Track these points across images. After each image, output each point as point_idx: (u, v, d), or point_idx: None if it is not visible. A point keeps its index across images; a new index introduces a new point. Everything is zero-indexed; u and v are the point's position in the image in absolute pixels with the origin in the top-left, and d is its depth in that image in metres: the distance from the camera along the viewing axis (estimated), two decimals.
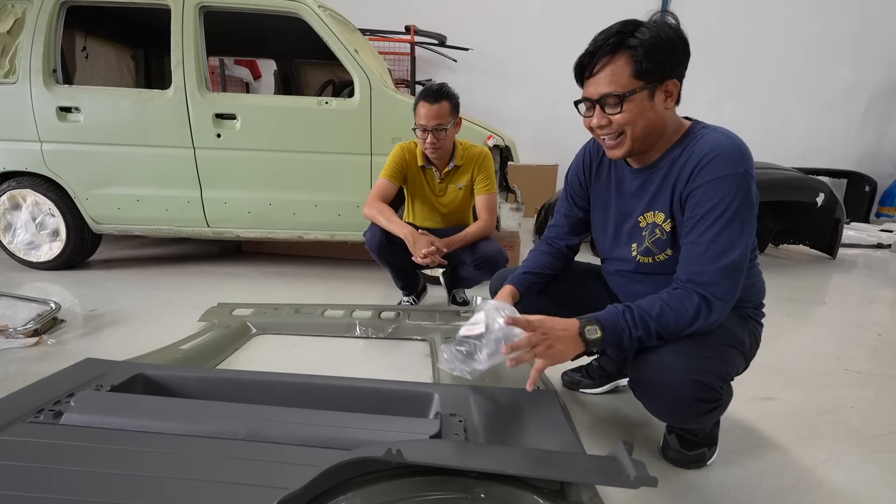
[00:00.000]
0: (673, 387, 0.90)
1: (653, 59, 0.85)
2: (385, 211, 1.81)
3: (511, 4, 5.27)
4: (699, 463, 1.09)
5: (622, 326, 0.88)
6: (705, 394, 0.90)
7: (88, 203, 2.55)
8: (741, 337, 1.00)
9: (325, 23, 2.35)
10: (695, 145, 0.91)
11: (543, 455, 0.85)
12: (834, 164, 5.25)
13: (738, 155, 0.88)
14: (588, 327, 0.89)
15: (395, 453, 0.76)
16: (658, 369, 0.91)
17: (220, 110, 2.42)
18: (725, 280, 0.88)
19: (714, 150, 0.88)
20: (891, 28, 5.15)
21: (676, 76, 0.90)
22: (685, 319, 0.88)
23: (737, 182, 0.86)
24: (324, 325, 1.88)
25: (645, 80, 0.87)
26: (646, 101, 0.89)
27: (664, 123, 0.93)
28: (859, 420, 1.35)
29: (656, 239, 1.00)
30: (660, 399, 0.94)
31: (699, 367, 0.89)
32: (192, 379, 1.26)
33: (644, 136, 0.93)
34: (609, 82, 0.88)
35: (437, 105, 1.76)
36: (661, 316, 0.88)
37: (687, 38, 0.89)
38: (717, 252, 0.87)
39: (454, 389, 1.23)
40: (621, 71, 0.87)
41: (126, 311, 2.06)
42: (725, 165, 0.87)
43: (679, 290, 0.90)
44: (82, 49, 3.12)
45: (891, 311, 2.41)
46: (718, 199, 0.87)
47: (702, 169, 0.89)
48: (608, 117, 0.91)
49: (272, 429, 0.99)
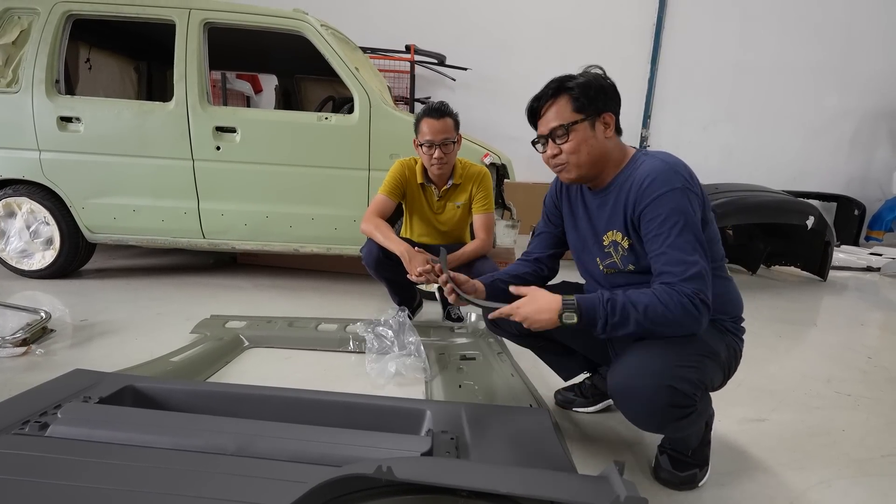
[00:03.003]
0: (646, 392, 0.94)
1: (587, 97, 1.03)
2: (382, 227, 1.82)
3: (509, 26, 5.40)
4: (691, 484, 1.10)
5: (599, 314, 0.94)
6: (678, 399, 0.94)
7: (84, 212, 2.55)
8: (716, 348, 1.03)
9: (326, 41, 2.40)
10: (635, 171, 1.05)
11: (534, 474, 0.85)
12: (823, 188, 5.34)
13: (672, 174, 1.00)
14: (566, 313, 0.95)
15: (386, 471, 0.76)
16: (632, 375, 0.97)
17: (221, 123, 2.44)
18: (698, 281, 0.94)
19: (651, 173, 1.01)
20: (877, 57, 5.32)
21: (611, 110, 1.06)
22: (673, 314, 0.92)
23: (678, 196, 0.98)
24: (317, 338, 1.87)
25: (584, 113, 1.04)
26: (588, 131, 1.05)
27: (607, 150, 1.07)
28: (850, 443, 1.35)
29: (621, 256, 1.10)
30: (634, 404, 0.98)
31: (672, 373, 0.94)
32: (182, 392, 1.25)
33: (590, 162, 1.07)
34: (555, 118, 1.06)
35: (442, 120, 1.81)
36: (648, 307, 0.93)
37: (614, 83, 1.07)
38: (682, 257, 0.95)
39: (446, 406, 1.22)
40: (563, 108, 1.05)
41: (117, 322, 2.05)
42: (663, 183, 0.99)
43: (671, 287, 0.94)
44: (86, 60, 3.16)
45: (881, 335, 2.44)
46: (666, 213, 0.98)
47: (643, 191, 1.01)
48: (558, 147, 1.07)
49: (262, 444, 0.98)
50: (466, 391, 1.47)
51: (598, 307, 0.94)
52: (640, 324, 0.93)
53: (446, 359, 1.73)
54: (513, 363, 1.69)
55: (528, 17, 5.37)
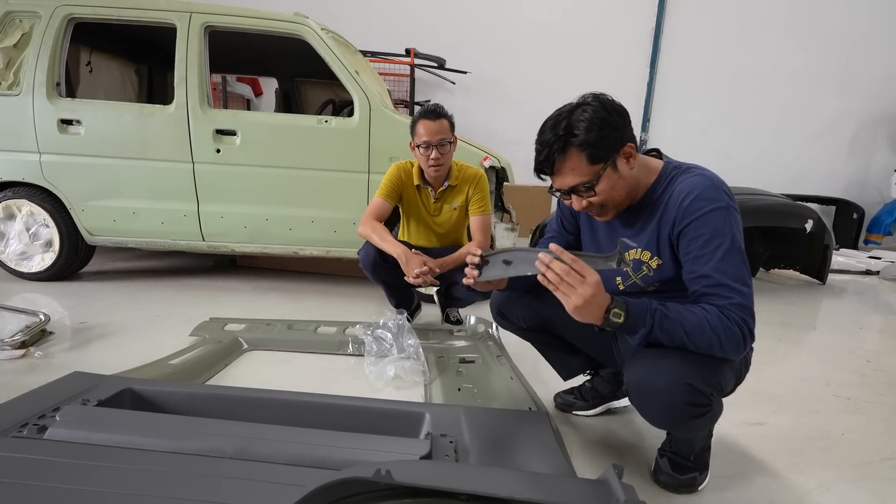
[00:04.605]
0: (665, 389, 0.92)
1: (600, 146, 0.93)
2: (379, 230, 1.83)
3: (509, 29, 5.42)
4: (690, 488, 1.10)
5: (645, 322, 0.89)
6: (695, 398, 0.92)
7: (84, 214, 2.55)
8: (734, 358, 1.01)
9: (326, 44, 2.41)
10: (674, 187, 0.98)
11: (533, 478, 0.85)
12: (822, 192, 5.36)
13: (714, 190, 0.95)
14: (615, 309, 0.88)
15: (385, 474, 0.76)
16: (650, 372, 0.95)
17: (221, 126, 2.45)
18: (746, 311, 0.90)
19: (693, 190, 0.95)
20: (875, 61, 5.34)
21: (627, 140, 0.97)
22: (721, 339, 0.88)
23: (721, 215, 0.92)
24: (316, 341, 1.87)
25: (602, 161, 0.95)
26: (613, 175, 0.97)
27: (636, 179, 1.01)
28: (849, 447, 1.35)
29: (643, 275, 1.05)
30: (652, 400, 0.96)
31: (690, 372, 0.92)
32: (181, 395, 1.25)
33: (624, 198, 1.02)
34: (573, 176, 0.96)
35: (438, 122, 1.82)
36: (696, 327, 0.88)
37: (618, 105, 0.97)
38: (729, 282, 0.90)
39: (446, 409, 1.22)
40: (578, 164, 0.95)
41: (116, 324, 2.04)
42: (707, 201, 0.93)
43: (724, 313, 0.89)
44: (87, 63, 3.17)
45: (880, 338, 2.44)
46: (710, 233, 0.92)
47: (685, 209, 0.95)
48: (587, 199, 0.99)
49: (260, 447, 0.98)
50: (465, 394, 1.47)
51: (647, 316, 0.89)
52: (681, 342, 0.89)
53: (445, 362, 1.73)
54: (512, 366, 1.69)
55: (528, 20, 5.40)
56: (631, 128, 0.99)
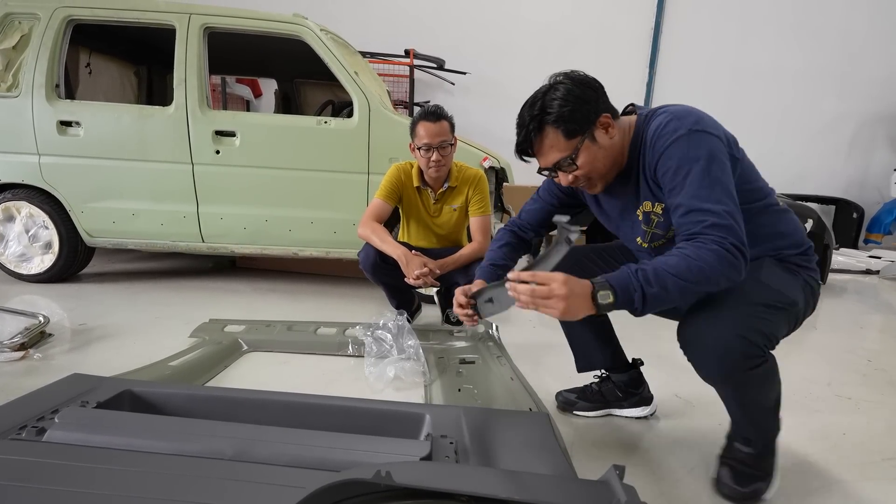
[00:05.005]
0: (718, 341, 0.92)
1: (573, 119, 0.97)
2: (379, 231, 1.83)
3: (508, 30, 5.42)
4: (755, 500, 1.05)
5: (633, 286, 0.86)
6: (750, 349, 0.91)
7: (83, 216, 2.55)
8: (791, 296, 0.98)
9: (325, 45, 2.41)
10: (646, 133, 1.00)
11: (533, 479, 0.85)
12: (822, 192, 5.35)
13: (676, 121, 0.95)
14: (601, 292, 0.86)
15: (385, 475, 0.76)
16: (704, 324, 0.94)
17: (220, 127, 2.45)
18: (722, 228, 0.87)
19: (658, 127, 0.97)
20: (874, 61, 5.34)
21: (602, 111, 0.99)
22: (708, 265, 0.85)
23: (683, 142, 0.92)
24: (316, 342, 1.87)
25: (579, 134, 0.98)
26: (592, 147, 0.99)
27: (618, 146, 1.03)
28: (851, 447, 1.34)
29: (656, 223, 1.05)
30: (704, 350, 0.95)
31: (743, 323, 0.91)
32: (180, 396, 1.25)
33: (609, 168, 1.04)
34: (552, 152, 1.00)
35: (439, 123, 1.82)
36: (678, 265, 0.85)
37: (590, 79, 1.00)
38: (700, 205, 0.89)
39: (446, 410, 1.22)
40: (555, 140, 0.99)
41: (116, 326, 2.04)
42: (669, 133, 0.94)
43: (695, 240, 0.88)
44: (86, 65, 3.17)
45: (881, 337, 2.43)
46: (676, 163, 0.93)
47: (653, 145, 0.97)
48: (572, 174, 1.02)
49: (260, 448, 0.97)
50: (466, 395, 1.46)
51: (631, 279, 0.86)
52: (680, 287, 0.85)
53: (445, 362, 1.73)
54: (512, 367, 1.69)
55: (528, 21, 5.40)
56: (605, 99, 1.01)
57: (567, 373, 1.53)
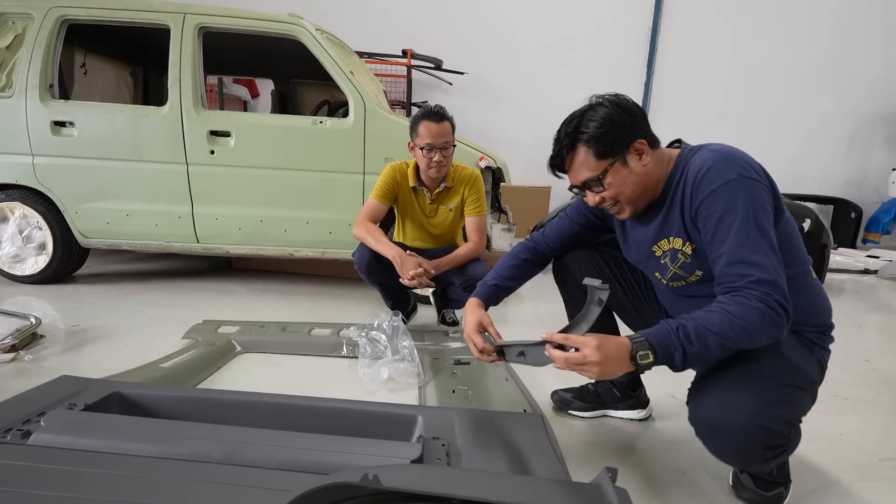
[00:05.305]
0: (738, 431, 0.88)
1: (605, 141, 0.96)
2: (374, 231, 1.81)
3: (506, 30, 5.42)
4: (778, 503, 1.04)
5: (675, 345, 0.84)
6: (771, 440, 0.88)
7: (78, 217, 2.53)
8: (810, 374, 0.96)
9: (321, 45, 2.40)
10: (688, 168, 0.97)
11: (525, 482, 0.83)
12: (820, 191, 5.36)
13: (724, 164, 0.91)
14: (640, 352, 0.85)
15: (373, 479, 0.74)
16: (721, 411, 0.89)
17: (215, 127, 2.44)
18: (767, 285, 0.83)
19: (703, 166, 0.93)
20: (873, 60, 5.34)
21: (638, 137, 0.98)
22: (751, 324, 0.81)
23: (732, 188, 0.88)
24: (310, 343, 1.85)
25: (610, 156, 0.97)
26: (622, 170, 0.98)
27: (650, 175, 1.00)
28: (848, 447, 1.33)
29: (682, 263, 1.00)
30: (723, 442, 0.92)
31: (766, 410, 0.87)
32: (170, 398, 1.23)
33: (639, 195, 1.01)
34: (582, 171, 1.00)
35: (442, 124, 1.81)
36: (722, 323, 0.82)
37: (630, 104, 0.99)
38: (744, 257, 0.85)
39: (439, 412, 1.21)
40: (586, 159, 0.98)
41: (109, 328, 2.03)
42: (718, 175, 0.90)
43: (738, 296, 0.84)
44: (81, 65, 3.16)
45: (879, 337, 2.42)
46: (723, 209, 0.88)
47: (697, 186, 0.93)
48: (599, 195, 1.02)
49: (248, 451, 0.96)
50: (460, 396, 1.45)
51: (671, 338, 0.84)
52: (721, 345, 0.82)
53: (440, 363, 1.71)
54: (507, 367, 1.67)
55: (525, 21, 5.40)
56: (644, 126, 0.99)
57: (564, 373, 1.51)
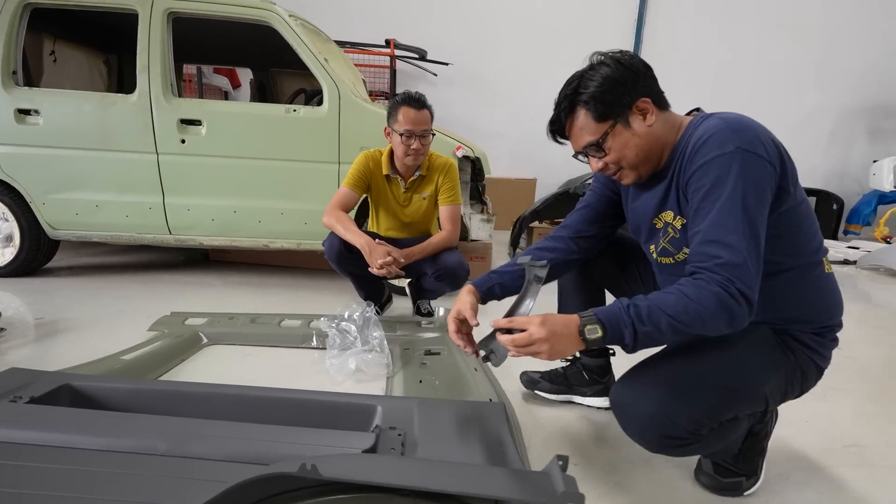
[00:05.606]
0: (641, 417, 0.88)
1: (605, 102, 0.89)
2: (343, 220, 1.78)
3: (491, 20, 5.36)
4: (735, 492, 1.03)
5: (625, 322, 0.79)
6: (674, 432, 0.86)
7: (45, 208, 2.46)
8: (760, 381, 0.89)
9: (294, 31, 2.34)
10: (691, 136, 0.89)
11: (472, 471, 0.82)
12: (803, 183, 5.23)
13: (727, 134, 0.82)
14: (588, 326, 0.81)
15: (311, 469, 0.72)
16: (633, 394, 0.90)
17: (186, 116, 2.38)
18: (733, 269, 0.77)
19: (704, 134, 0.85)
20: (855, 54, 5.38)
21: (641, 95, 0.90)
22: (706, 310, 0.77)
23: (727, 161, 0.81)
24: (280, 335, 1.82)
25: (610, 118, 0.90)
26: (624, 132, 0.91)
27: (655, 137, 0.92)
28: (813, 434, 1.33)
29: (671, 238, 0.95)
30: (628, 425, 0.92)
31: (675, 405, 0.85)
32: (123, 391, 1.19)
33: (643, 159, 0.94)
34: (582, 135, 0.94)
35: (422, 112, 1.79)
36: (676, 306, 0.78)
37: (635, 60, 0.92)
38: (718, 237, 0.79)
39: (399, 402, 1.18)
40: (585, 122, 0.92)
41: (75, 320, 1.98)
42: (715, 146, 0.82)
43: (698, 279, 0.79)
44: (50, 53, 3.07)
45: (855, 327, 2.44)
46: (711, 182, 0.81)
47: (693, 154, 0.85)
48: (601, 160, 0.95)
49: (196, 443, 0.93)
50: (426, 386, 1.43)
51: (622, 315, 0.80)
52: (674, 328, 0.78)
53: (411, 354, 1.69)
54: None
55: (510, 12, 5.35)
56: (649, 83, 0.91)
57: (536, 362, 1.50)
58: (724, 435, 0.94)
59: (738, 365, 0.89)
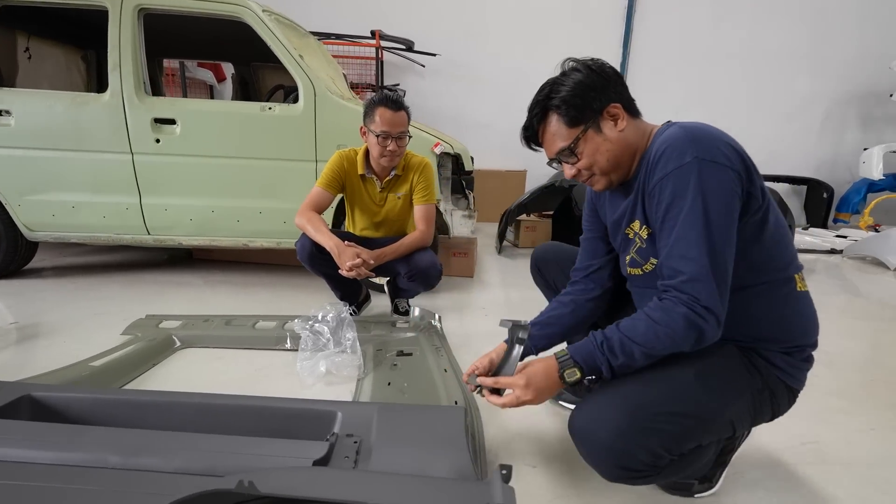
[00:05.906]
0: (598, 448, 0.86)
1: (576, 107, 0.90)
2: (314, 220, 1.77)
3: (479, 11, 5.28)
4: (685, 492, 1.04)
5: (599, 360, 0.86)
6: (629, 463, 0.85)
7: (21, 209, 2.45)
8: (722, 406, 0.88)
9: (267, 26, 2.30)
10: (653, 145, 0.89)
11: (413, 482, 0.82)
12: (794, 172, 5.37)
13: (685, 143, 0.82)
14: (567, 371, 0.88)
15: (248, 485, 0.72)
16: (592, 421, 0.87)
17: (159, 115, 2.35)
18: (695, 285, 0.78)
19: (663, 145, 0.85)
20: (847, 41, 5.32)
21: (612, 101, 0.91)
22: (675, 332, 0.80)
23: (685, 173, 0.81)
24: (253, 337, 1.82)
25: (581, 123, 0.91)
26: (596, 137, 0.92)
27: (627, 143, 0.93)
28: (772, 430, 1.32)
29: (638, 248, 0.96)
30: (586, 454, 0.90)
31: (632, 435, 0.83)
32: (86, 401, 1.19)
33: (614, 164, 0.94)
34: (555, 141, 0.94)
35: (399, 113, 1.77)
36: (646, 334, 0.82)
37: (605, 67, 0.93)
38: (681, 248, 0.81)
39: (360, 408, 1.19)
40: (557, 128, 0.93)
41: (51, 324, 1.98)
42: (673, 159, 0.82)
43: (665, 301, 0.82)
44: (25, 50, 3.01)
45: (837, 318, 2.44)
46: (670, 197, 0.82)
47: (654, 165, 0.86)
48: (574, 166, 0.96)
49: (147, 456, 0.93)
50: (394, 389, 1.44)
51: (596, 353, 0.85)
52: (646, 355, 0.83)
53: (383, 355, 1.70)
54: (450, 358, 1.67)
55: (499, 1, 5.26)
56: (619, 89, 0.93)
57: None
58: (687, 464, 0.93)
59: (701, 391, 0.87)
